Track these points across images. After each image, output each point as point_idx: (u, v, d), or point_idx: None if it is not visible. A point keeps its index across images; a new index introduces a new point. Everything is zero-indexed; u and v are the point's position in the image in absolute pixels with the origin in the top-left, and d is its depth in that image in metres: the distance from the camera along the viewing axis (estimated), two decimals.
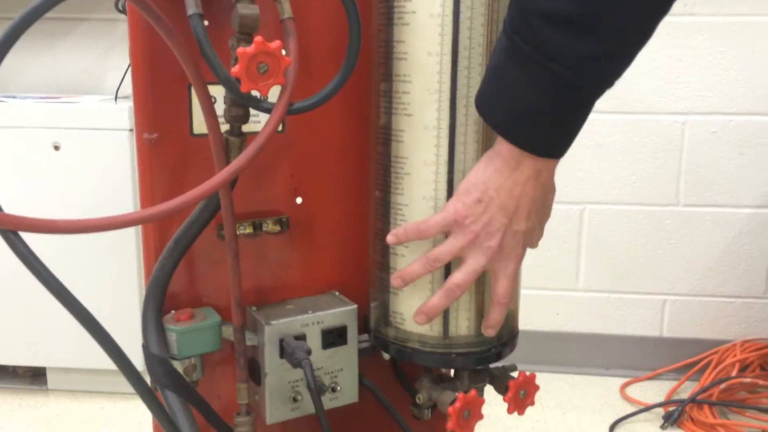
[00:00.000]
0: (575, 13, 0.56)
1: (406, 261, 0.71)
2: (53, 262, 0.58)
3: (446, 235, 0.67)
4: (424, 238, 0.68)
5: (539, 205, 0.66)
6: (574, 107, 0.61)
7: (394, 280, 0.70)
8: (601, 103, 0.62)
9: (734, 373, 1.64)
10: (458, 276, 0.67)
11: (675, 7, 0.60)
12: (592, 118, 0.63)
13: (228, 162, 0.63)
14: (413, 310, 0.70)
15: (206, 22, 0.60)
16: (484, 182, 0.64)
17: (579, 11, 0.56)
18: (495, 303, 0.69)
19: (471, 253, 0.66)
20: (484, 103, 0.63)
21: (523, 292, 0.76)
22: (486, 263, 0.66)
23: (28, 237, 0.53)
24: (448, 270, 0.69)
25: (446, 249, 0.67)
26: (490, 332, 0.70)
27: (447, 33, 0.65)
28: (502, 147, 0.63)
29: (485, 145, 0.68)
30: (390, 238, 0.70)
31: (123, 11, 1.68)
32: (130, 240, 1.53)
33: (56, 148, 1.52)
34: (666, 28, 1.71)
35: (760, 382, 1.63)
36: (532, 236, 0.68)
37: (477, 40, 0.66)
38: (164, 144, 0.69)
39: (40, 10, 0.51)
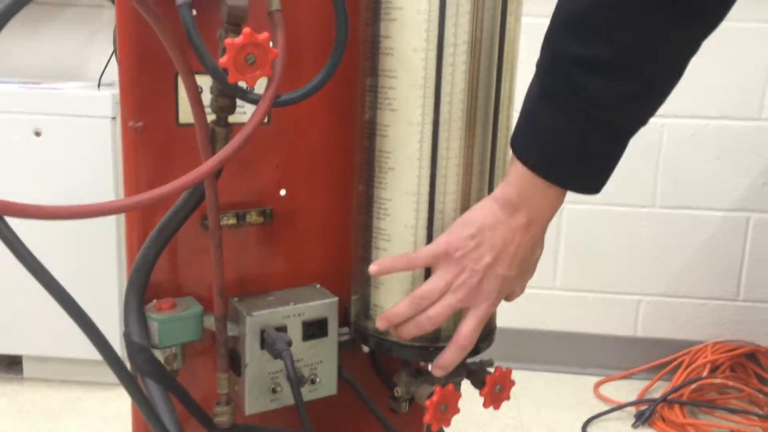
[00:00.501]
0: (610, 59, 0.57)
1: (388, 254, 0.71)
2: (31, 248, 0.58)
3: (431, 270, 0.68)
4: (412, 269, 0.69)
5: (526, 256, 0.67)
6: (608, 144, 0.63)
7: (380, 321, 0.70)
8: None
9: (705, 373, 1.68)
10: (433, 309, 0.67)
11: None
12: None
13: (214, 152, 0.63)
14: (394, 303, 0.71)
15: (194, 12, 0.60)
16: (481, 221, 0.66)
17: (614, 58, 0.57)
18: (454, 343, 0.68)
19: (452, 287, 0.66)
20: (520, 145, 0.65)
21: None
22: (462, 298, 0.66)
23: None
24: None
25: (433, 284, 0.67)
26: (437, 372, 0.70)
27: (433, 29, 0.66)
28: (504, 191, 0.65)
29: (468, 142, 0.69)
30: (373, 268, 0.69)
31: None
32: (110, 227, 1.52)
33: (37, 134, 1.51)
34: None
35: (730, 383, 1.67)
36: (511, 286, 0.69)
37: (462, 38, 0.67)
38: (149, 133, 0.69)
39: None
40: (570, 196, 0.66)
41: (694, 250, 1.78)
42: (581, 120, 0.60)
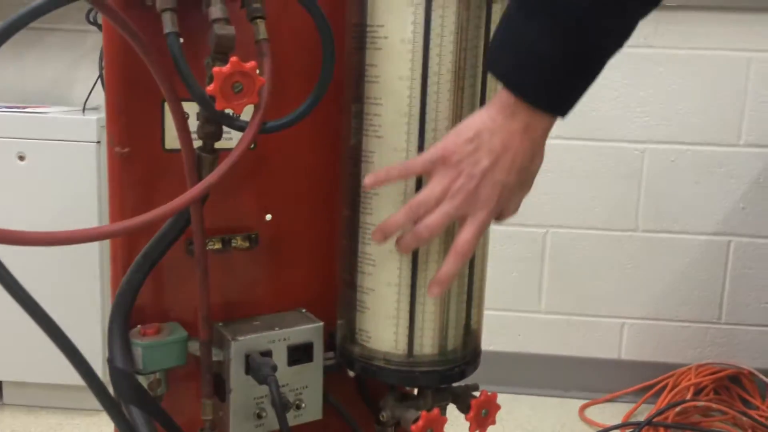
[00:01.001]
0: None
1: (374, 279, 0.72)
2: (14, 272, 0.58)
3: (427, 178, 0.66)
4: (408, 177, 0.67)
5: (524, 163, 0.65)
6: (576, 60, 0.61)
7: (375, 234, 0.68)
8: (564, 129, 0.64)
9: (689, 396, 1.68)
10: (431, 217, 0.65)
11: (635, 40, 0.63)
12: (556, 143, 0.65)
13: (200, 178, 0.64)
14: (379, 328, 0.71)
15: (182, 39, 0.61)
16: (479, 126, 0.64)
17: None
18: (452, 252, 0.66)
19: (449, 193, 0.64)
20: (491, 54, 0.64)
21: (487, 313, 0.78)
22: (459, 205, 0.64)
23: None
24: (414, 293, 0.70)
25: (429, 191, 0.65)
26: (434, 290, 0.68)
27: (417, 58, 0.67)
28: (500, 95, 0.63)
29: None
30: (369, 179, 0.67)
31: (93, 22, 1.67)
32: (93, 252, 1.52)
33: (21, 158, 1.51)
34: (627, 59, 1.76)
35: (714, 405, 1.67)
36: (509, 195, 0.66)
37: (446, 66, 0.68)
38: (135, 158, 0.69)
39: (25, 19, 0.51)
40: (554, 220, 0.67)
41: (677, 274, 1.80)
42: (549, 26, 0.60)
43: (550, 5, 0.59)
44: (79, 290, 1.53)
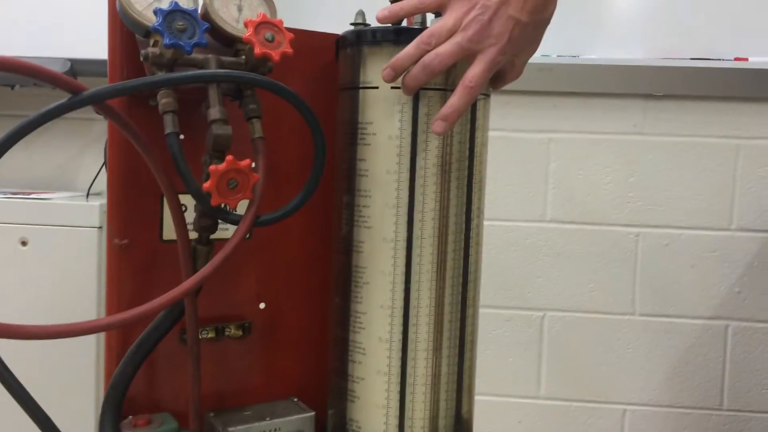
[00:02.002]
0: None
1: (364, 367, 0.73)
2: (6, 359, 0.59)
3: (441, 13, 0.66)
4: (422, 12, 0.67)
5: (539, 2, 0.65)
6: None
7: (385, 71, 0.67)
8: (558, 213, 0.67)
9: None
10: (442, 47, 0.65)
11: (626, 127, 0.67)
12: (552, 227, 0.67)
13: (195, 270, 0.65)
14: (369, 417, 0.72)
15: (182, 136, 0.64)
16: None
17: None
18: (461, 86, 0.66)
19: (461, 26, 0.64)
20: None
21: (486, 399, 0.78)
22: (472, 36, 0.64)
23: None
24: (404, 381, 0.71)
25: (443, 22, 0.65)
26: (439, 125, 0.67)
27: (405, 154, 0.71)
28: None
29: (440, 257, 0.72)
30: (381, 14, 0.67)
31: (100, 112, 1.73)
32: (89, 341, 1.52)
33: (23, 243, 1.53)
34: (618, 145, 1.81)
35: None
36: (520, 35, 0.66)
37: (432, 161, 0.71)
38: (134, 249, 0.71)
39: (47, 116, 0.54)
40: (551, 303, 0.68)
41: (676, 358, 1.79)
42: None
43: None
44: (75, 379, 1.52)
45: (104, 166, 1.75)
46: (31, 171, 1.86)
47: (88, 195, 1.69)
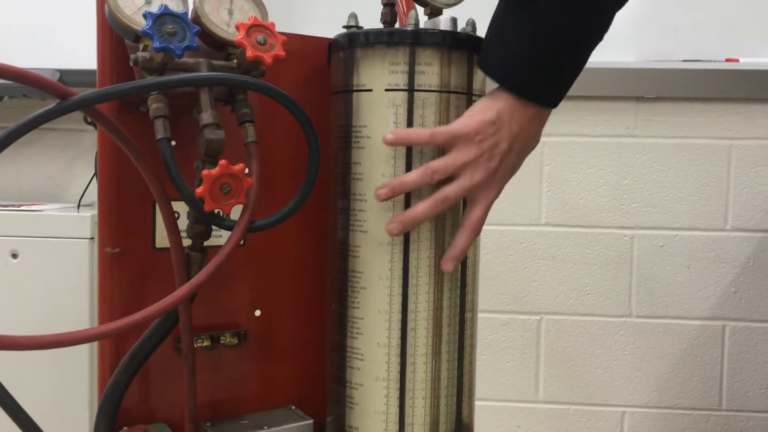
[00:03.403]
0: None
1: (362, 374, 0.72)
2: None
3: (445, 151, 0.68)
4: (431, 145, 0.69)
5: (527, 146, 0.69)
6: (558, 53, 0.65)
7: (382, 191, 0.68)
8: (553, 217, 0.66)
9: None
10: (450, 189, 0.67)
11: (619, 130, 0.67)
12: (547, 230, 0.67)
13: (189, 277, 0.64)
14: (368, 424, 0.70)
15: (173, 142, 0.63)
16: (500, 108, 0.67)
17: None
18: (465, 227, 0.69)
19: (468, 169, 0.67)
20: (482, 54, 0.69)
21: (485, 404, 0.77)
22: (480, 182, 0.67)
23: None
24: (403, 387, 0.70)
25: (449, 161, 0.67)
26: (448, 265, 0.69)
27: (400, 156, 0.70)
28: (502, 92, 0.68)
29: (437, 260, 0.71)
30: (389, 137, 0.68)
31: (90, 123, 1.72)
32: (82, 351, 1.50)
33: (14, 256, 1.51)
34: (611, 148, 1.81)
35: None
36: (510, 175, 0.70)
37: (427, 162, 0.70)
38: (126, 257, 0.70)
39: (36, 121, 0.53)
40: (547, 307, 0.67)
41: (674, 360, 1.79)
42: (529, 22, 0.64)
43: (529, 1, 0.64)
44: (67, 390, 1.51)
45: (95, 177, 1.74)
46: (22, 183, 1.85)
47: (79, 206, 1.67)
